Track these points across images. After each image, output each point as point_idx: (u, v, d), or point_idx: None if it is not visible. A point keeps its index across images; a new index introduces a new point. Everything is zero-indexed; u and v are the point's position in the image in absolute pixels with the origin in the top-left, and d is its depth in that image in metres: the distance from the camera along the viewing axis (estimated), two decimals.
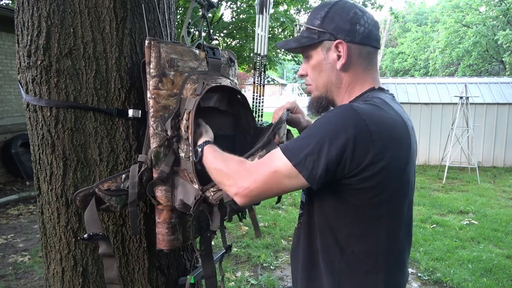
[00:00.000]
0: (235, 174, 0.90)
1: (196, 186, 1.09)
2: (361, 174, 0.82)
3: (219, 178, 0.96)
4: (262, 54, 1.37)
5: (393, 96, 0.98)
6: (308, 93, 1.04)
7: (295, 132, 1.19)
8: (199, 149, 1.04)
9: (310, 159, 0.81)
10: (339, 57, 0.93)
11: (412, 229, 1.01)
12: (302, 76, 1.03)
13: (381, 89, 0.96)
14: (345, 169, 0.81)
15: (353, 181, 0.83)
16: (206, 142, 1.05)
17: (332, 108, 1.01)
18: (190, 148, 1.08)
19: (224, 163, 0.95)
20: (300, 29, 1.00)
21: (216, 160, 0.98)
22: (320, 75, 0.98)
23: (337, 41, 0.92)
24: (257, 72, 1.36)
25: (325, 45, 0.95)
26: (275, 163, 0.85)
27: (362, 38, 0.93)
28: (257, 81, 1.40)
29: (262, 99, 1.42)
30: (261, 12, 1.36)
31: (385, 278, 0.90)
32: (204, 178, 1.05)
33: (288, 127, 1.16)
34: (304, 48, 0.98)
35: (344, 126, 0.80)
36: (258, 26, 1.37)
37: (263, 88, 1.41)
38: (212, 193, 1.05)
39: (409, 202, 0.94)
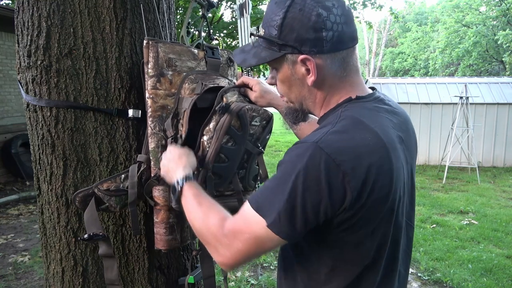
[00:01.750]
0: (215, 241, 0.82)
1: None
2: (342, 215, 0.74)
3: (199, 235, 0.89)
4: None
5: (377, 101, 0.85)
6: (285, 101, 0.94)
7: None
8: (178, 186, 0.95)
9: (285, 219, 0.72)
10: (308, 71, 0.80)
11: (406, 248, 0.93)
12: (272, 85, 0.92)
13: (358, 99, 0.83)
14: (326, 215, 0.73)
15: (335, 221, 0.75)
16: (187, 178, 0.96)
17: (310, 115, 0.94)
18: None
19: (203, 222, 0.86)
20: (256, 40, 0.86)
21: (196, 213, 0.89)
22: (291, 90, 0.86)
23: (301, 56, 0.78)
24: (244, 72, 1.37)
25: (290, 58, 0.81)
26: (252, 227, 0.76)
27: (332, 46, 0.78)
28: None
29: None
30: (242, 15, 1.37)
31: None
32: None
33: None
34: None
35: (314, 174, 0.71)
36: (241, 29, 1.39)
37: None
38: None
39: (396, 229, 0.84)
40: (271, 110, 1.23)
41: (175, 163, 1.01)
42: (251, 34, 0.87)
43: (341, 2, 0.79)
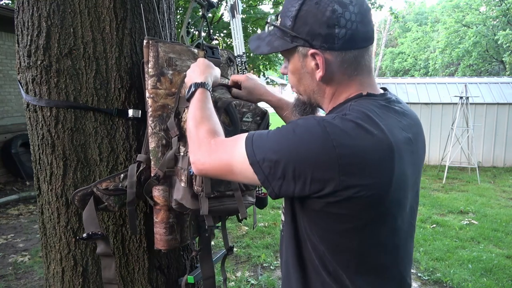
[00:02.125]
0: (199, 144, 0.88)
1: (183, 184, 1.09)
2: (325, 198, 0.73)
3: (188, 134, 0.95)
4: (240, 53, 1.39)
5: (388, 101, 0.84)
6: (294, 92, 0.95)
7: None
8: (192, 87, 1.00)
9: (267, 165, 0.74)
10: (317, 66, 0.80)
11: (407, 253, 0.90)
12: (285, 74, 0.92)
13: (369, 95, 0.82)
14: (304, 189, 0.73)
15: (318, 203, 0.75)
16: (201, 85, 1.00)
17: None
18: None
19: (199, 124, 0.91)
20: (272, 28, 0.86)
21: (195, 113, 0.94)
22: (300, 82, 0.87)
23: (312, 50, 0.78)
24: (240, 72, 1.38)
25: (301, 51, 0.81)
26: (234, 153, 0.80)
27: (343, 43, 0.77)
28: None
29: None
30: (233, 16, 1.38)
31: None
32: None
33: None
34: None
35: (308, 145, 0.71)
36: (233, 30, 1.39)
37: None
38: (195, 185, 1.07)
39: (391, 230, 0.82)
40: (269, 109, 1.23)
41: (200, 70, 1.06)
42: (267, 22, 0.88)
43: (360, 0, 0.78)
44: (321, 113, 1.07)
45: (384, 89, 0.89)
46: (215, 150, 0.84)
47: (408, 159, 0.80)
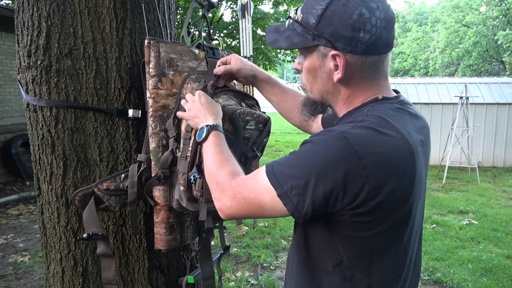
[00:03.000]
0: (222, 189, 0.84)
1: (182, 187, 1.08)
2: (355, 210, 0.73)
3: (208, 180, 0.91)
4: (247, 55, 1.38)
5: (402, 104, 0.84)
6: (303, 89, 0.93)
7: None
8: (205, 131, 0.96)
9: (296, 193, 0.72)
10: (336, 67, 0.79)
11: (418, 259, 0.93)
12: (297, 69, 0.90)
13: (385, 99, 0.82)
14: (336, 205, 0.72)
15: (347, 214, 0.74)
16: (215, 127, 0.97)
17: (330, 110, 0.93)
18: (189, 148, 1.07)
19: (218, 169, 0.88)
20: (291, 22, 0.85)
21: (213, 158, 0.91)
22: (315, 81, 0.85)
23: (333, 52, 0.78)
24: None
25: (321, 50, 0.80)
26: (260, 190, 0.78)
27: (366, 48, 0.76)
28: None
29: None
30: (243, 16, 1.37)
31: None
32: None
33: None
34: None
35: (334, 161, 0.70)
36: (242, 31, 1.39)
37: (252, 88, 1.42)
38: (194, 190, 1.06)
39: (409, 230, 0.83)
40: (268, 112, 1.22)
41: (205, 109, 1.02)
42: (288, 16, 0.86)
43: (386, 6, 0.78)
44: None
45: (396, 91, 0.89)
46: (238, 192, 0.82)
47: (422, 161, 0.81)
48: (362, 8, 0.74)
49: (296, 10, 0.84)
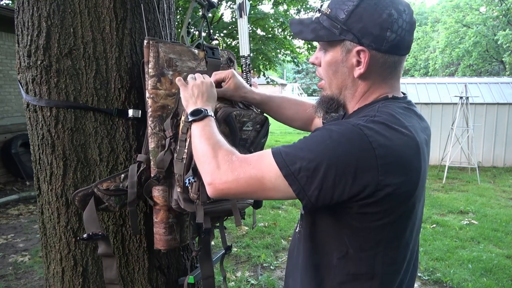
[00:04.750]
0: (217, 165, 0.82)
1: (179, 189, 1.08)
2: (363, 200, 0.74)
3: (201, 158, 0.88)
4: (245, 55, 1.38)
5: (409, 104, 0.87)
6: (320, 88, 0.93)
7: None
8: (203, 114, 0.96)
9: (304, 175, 0.73)
10: (358, 63, 0.81)
11: (416, 254, 0.95)
12: (314, 64, 0.90)
13: (394, 98, 0.85)
14: (343, 194, 0.73)
15: (355, 205, 0.75)
16: (209, 113, 0.97)
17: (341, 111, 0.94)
18: (185, 150, 1.06)
19: (213, 146, 0.86)
20: (318, 16, 0.85)
21: (206, 138, 0.90)
22: (334, 76, 0.86)
23: (358, 47, 0.80)
24: (244, 73, 1.37)
25: (346, 45, 0.81)
26: (263, 167, 0.77)
27: (390, 47, 0.79)
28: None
29: None
30: (240, 15, 1.38)
31: None
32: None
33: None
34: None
35: (349, 149, 0.72)
36: (239, 30, 1.39)
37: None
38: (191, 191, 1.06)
39: (412, 225, 0.85)
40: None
41: (201, 93, 1.04)
42: (318, 9, 0.87)
43: (411, 11, 0.81)
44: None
45: (403, 92, 0.92)
46: (238, 166, 0.80)
47: (426, 159, 0.85)
48: (391, 9, 0.78)
49: (321, 5, 0.86)
